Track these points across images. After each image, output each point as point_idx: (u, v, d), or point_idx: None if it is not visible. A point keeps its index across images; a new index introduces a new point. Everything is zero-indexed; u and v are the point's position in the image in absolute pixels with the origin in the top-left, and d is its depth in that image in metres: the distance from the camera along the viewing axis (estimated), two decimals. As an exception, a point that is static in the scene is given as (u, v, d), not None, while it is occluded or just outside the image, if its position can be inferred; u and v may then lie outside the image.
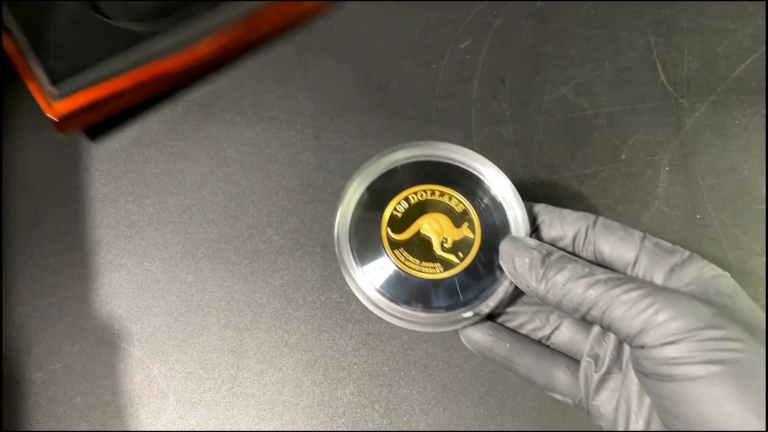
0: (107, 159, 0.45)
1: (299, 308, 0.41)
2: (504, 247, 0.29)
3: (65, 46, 0.41)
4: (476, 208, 0.31)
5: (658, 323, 0.24)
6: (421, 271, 0.30)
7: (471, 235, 0.31)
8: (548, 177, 0.45)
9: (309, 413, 0.38)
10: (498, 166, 0.34)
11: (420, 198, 0.32)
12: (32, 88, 0.41)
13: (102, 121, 0.44)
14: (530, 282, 0.28)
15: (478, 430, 0.38)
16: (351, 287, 0.31)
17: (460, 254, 0.30)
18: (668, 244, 0.29)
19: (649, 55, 0.50)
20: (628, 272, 0.28)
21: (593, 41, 0.50)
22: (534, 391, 0.39)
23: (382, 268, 0.30)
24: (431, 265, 0.30)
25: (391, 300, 0.30)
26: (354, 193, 0.32)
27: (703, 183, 0.45)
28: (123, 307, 0.41)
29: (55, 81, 0.40)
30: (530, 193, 0.44)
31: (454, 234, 0.31)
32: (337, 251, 0.31)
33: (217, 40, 0.42)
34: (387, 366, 0.39)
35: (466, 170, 0.32)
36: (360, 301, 0.31)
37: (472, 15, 0.51)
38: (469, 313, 0.30)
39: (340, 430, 0.38)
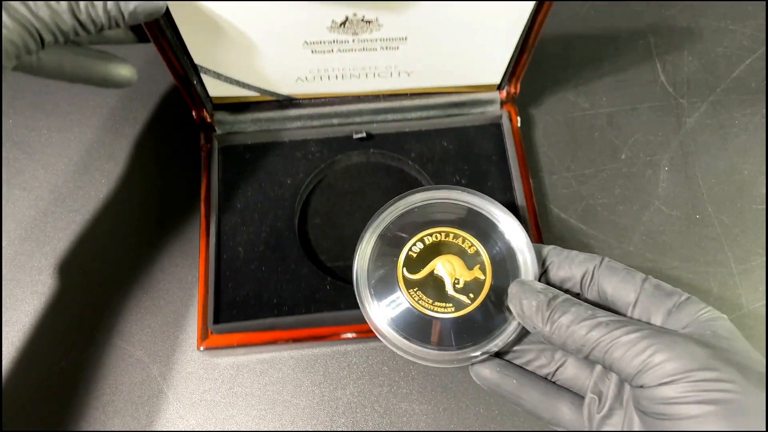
0: (108, 159, 0.45)
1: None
2: (512, 290, 0.30)
3: (249, 291, 0.38)
4: (488, 250, 0.33)
5: (656, 364, 0.25)
6: (433, 311, 0.31)
7: (482, 277, 0.32)
8: (548, 177, 0.45)
9: (309, 413, 0.38)
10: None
11: (435, 239, 0.33)
12: (200, 295, 0.38)
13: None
14: (537, 323, 0.29)
15: (478, 430, 0.38)
16: (368, 322, 0.32)
17: (471, 295, 0.32)
18: (668, 287, 0.29)
19: (649, 55, 0.50)
20: (629, 313, 0.29)
21: (593, 41, 0.50)
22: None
23: (398, 306, 0.32)
24: (443, 304, 0.31)
25: (405, 337, 0.31)
26: (373, 233, 0.33)
27: (703, 183, 0.45)
28: (123, 306, 0.41)
29: (218, 319, 0.37)
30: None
31: (466, 275, 0.32)
32: (355, 289, 0.32)
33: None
34: (387, 366, 0.39)
35: (480, 213, 0.34)
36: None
37: (472, 15, 0.51)
38: (478, 352, 0.31)
39: (340, 430, 0.38)
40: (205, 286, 0.38)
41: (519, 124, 0.44)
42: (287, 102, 0.42)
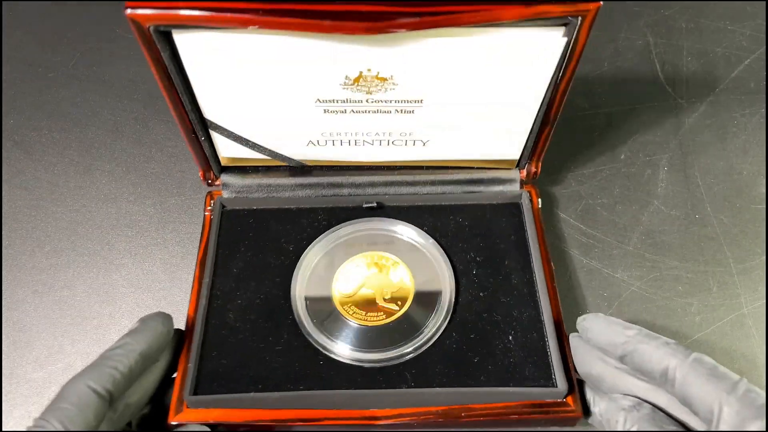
0: (109, 159, 0.45)
1: (299, 308, 0.41)
2: (602, 408, 0.31)
3: (235, 362, 0.34)
4: (409, 264, 0.38)
5: None
6: (366, 320, 0.36)
7: (407, 286, 0.37)
8: (548, 177, 0.45)
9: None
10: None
11: (363, 261, 0.39)
12: (181, 362, 0.34)
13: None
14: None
15: (477, 429, 0.38)
16: (308, 338, 0.35)
17: (399, 303, 0.37)
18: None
19: (648, 55, 0.50)
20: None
21: (593, 41, 0.50)
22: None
23: (335, 321, 0.36)
24: (375, 314, 0.36)
25: (344, 346, 0.35)
26: (311, 260, 0.39)
27: (702, 183, 0.45)
28: (123, 307, 0.41)
29: (196, 391, 0.33)
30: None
31: (392, 287, 0.37)
32: (295, 313, 0.36)
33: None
34: (387, 365, 0.40)
35: (395, 235, 0.40)
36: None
37: (471, 15, 0.51)
38: (410, 348, 0.35)
39: (341, 429, 0.38)
40: (187, 353, 0.34)
41: (540, 205, 0.41)
42: (297, 169, 0.41)
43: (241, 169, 0.41)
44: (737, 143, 0.46)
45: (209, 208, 0.40)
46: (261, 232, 0.40)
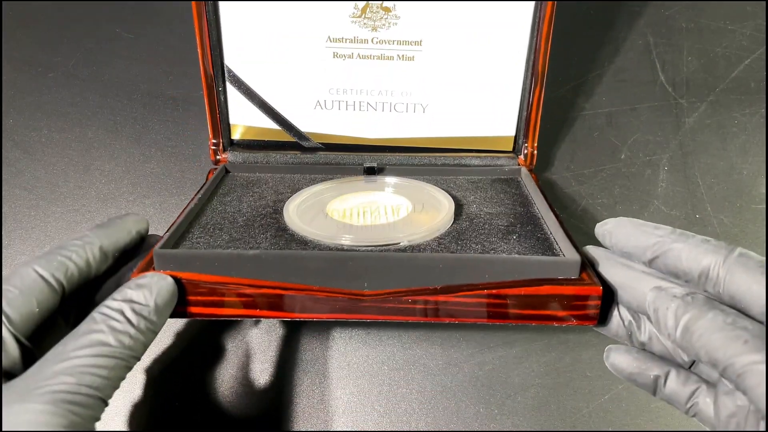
0: (109, 159, 0.45)
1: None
2: (650, 297, 0.27)
3: (217, 244, 0.32)
4: (407, 196, 0.38)
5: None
6: (361, 223, 0.36)
7: (404, 206, 0.37)
8: (548, 177, 0.45)
9: (309, 413, 0.38)
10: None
11: (362, 194, 0.39)
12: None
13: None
14: (669, 331, 0.26)
15: (478, 429, 0.38)
16: (295, 230, 0.34)
17: (395, 214, 0.36)
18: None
19: (649, 55, 0.50)
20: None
21: (593, 41, 0.50)
22: (534, 391, 0.39)
23: (328, 223, 0.35)
24: (370, 219, 0.36)
25: (333, 236, 0.33)
26: (309, 190, 0.39)
27: (702, 183, 0.45)
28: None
29: (176, 244, 0.32)
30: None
31: (388, 207, 0.37)
32: (286, 219, 0.35)
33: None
34: (387, 366, 0.40)
35: (394, 183, 0.41)
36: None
37: (471, 15, 0.51)
38: (404, 242, 0.33)
39: (340, 430, 0.38)
40: (167, 231, 0.32)
41: (539, 182, 0.41)
42: (302, 150, 0.43)
43: (247, 147, 0.43)
44: (737, 143, 0.46)
45: (213, 170, 0.42)
46: (261, 184, 0.41)
